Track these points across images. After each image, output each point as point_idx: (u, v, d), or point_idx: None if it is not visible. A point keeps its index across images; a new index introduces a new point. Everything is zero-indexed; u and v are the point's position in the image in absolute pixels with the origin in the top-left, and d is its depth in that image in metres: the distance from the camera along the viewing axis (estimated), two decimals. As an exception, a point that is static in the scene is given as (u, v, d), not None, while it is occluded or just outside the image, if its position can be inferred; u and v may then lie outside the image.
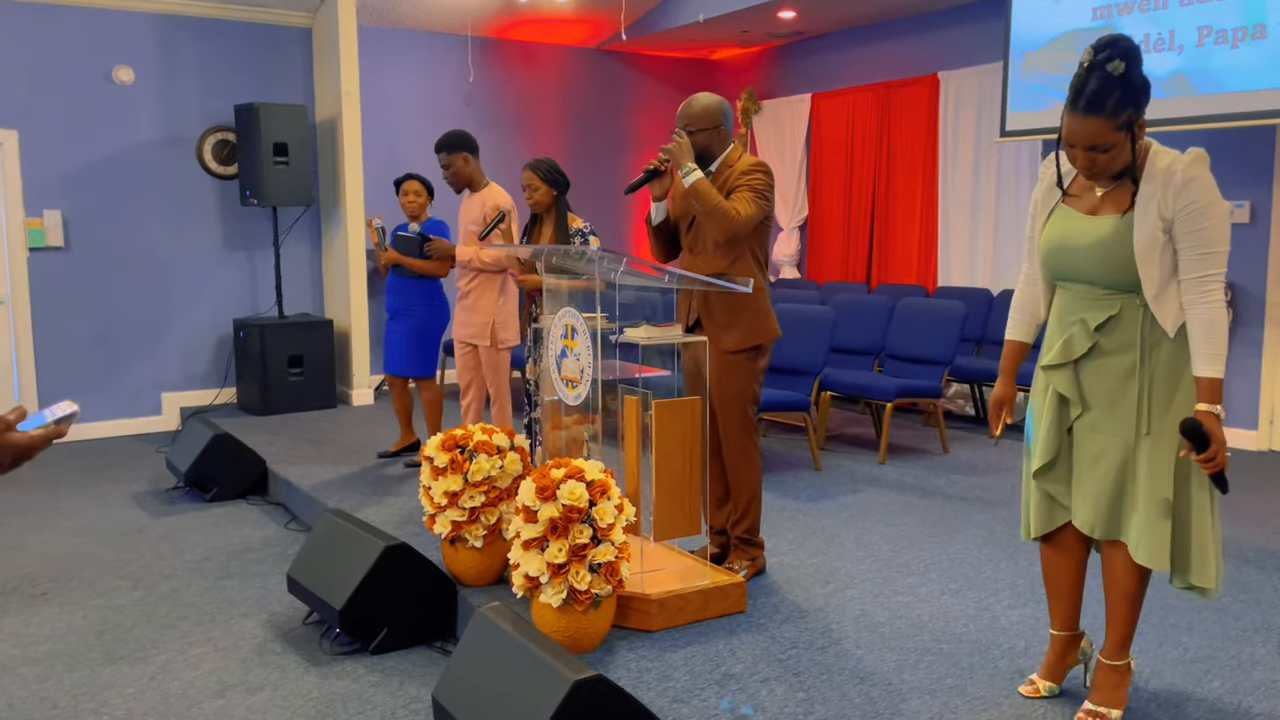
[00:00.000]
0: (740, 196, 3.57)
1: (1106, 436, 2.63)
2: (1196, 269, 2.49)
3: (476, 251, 5.00)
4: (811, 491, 5.15)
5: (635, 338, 3.50)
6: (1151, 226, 2.50)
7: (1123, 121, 2.46)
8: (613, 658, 3.18)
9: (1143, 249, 2.51)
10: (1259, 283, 6.06)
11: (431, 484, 3.72)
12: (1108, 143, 2.48)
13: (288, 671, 3.38)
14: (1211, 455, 2.46)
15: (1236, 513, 4.75)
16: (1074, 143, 2.51)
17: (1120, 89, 2.43)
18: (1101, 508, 2.64)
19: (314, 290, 7.95)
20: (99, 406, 7.09)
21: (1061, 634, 2.90)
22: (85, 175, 6.97)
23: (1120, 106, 2.44)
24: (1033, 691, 2.92)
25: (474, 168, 5.15)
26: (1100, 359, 2.63)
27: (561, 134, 9.23)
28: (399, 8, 7.90)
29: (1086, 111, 2.45)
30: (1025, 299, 2.84)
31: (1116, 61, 2.42)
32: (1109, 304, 2.60)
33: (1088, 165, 2.54)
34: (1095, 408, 2.65)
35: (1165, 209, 2.49)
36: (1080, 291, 2.65)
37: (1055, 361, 2.68)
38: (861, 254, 8.64)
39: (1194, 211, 2.47)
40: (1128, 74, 2.43)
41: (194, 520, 5.12)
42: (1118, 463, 2.61)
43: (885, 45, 8.32)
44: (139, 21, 7.08)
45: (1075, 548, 2.81)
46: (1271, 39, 5.23)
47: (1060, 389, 2.68)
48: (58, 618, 3.88)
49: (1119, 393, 2.60)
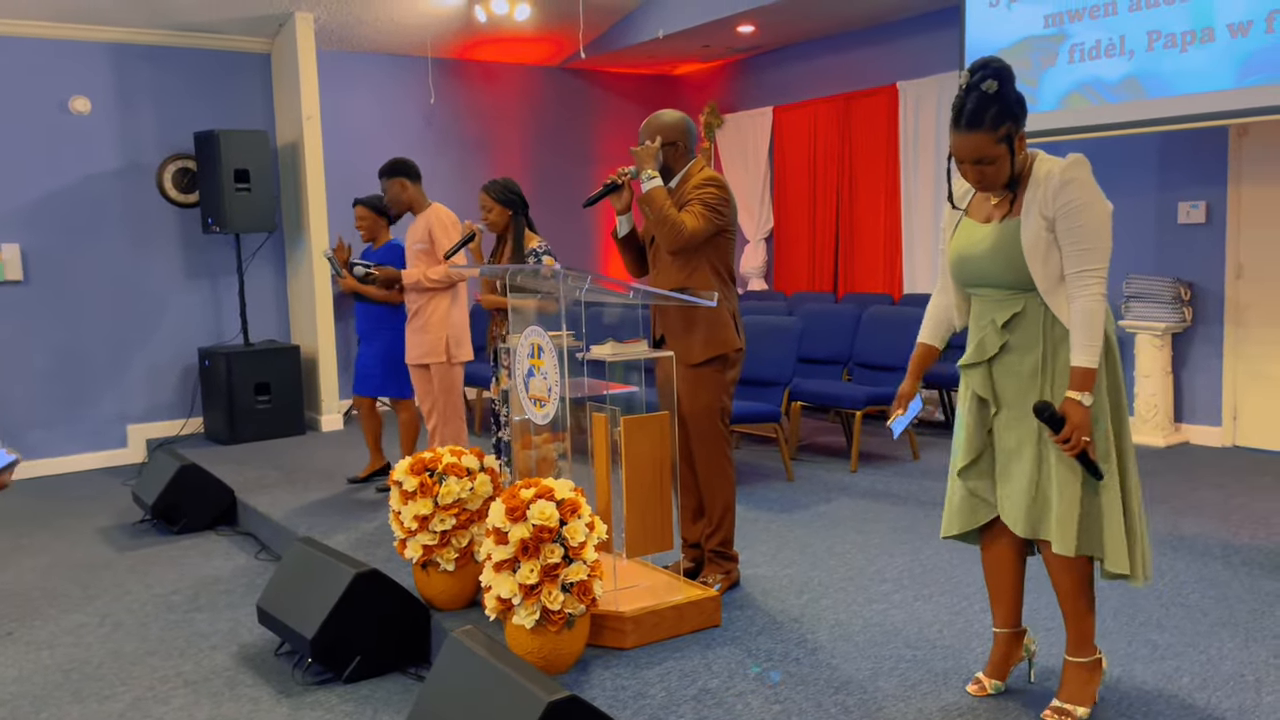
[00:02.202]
0: (690, 210, 3.60)
1: (1020, 432, 2.74)
2: (1075, 264, 2.62)
3: (423, 271, 5.04)
4: (784, 502, 5.16)
5: (601, 355, 3.50)
6: (1035, 226, 2.64)
7: (1002, 135, 2.62)
8: (588, 677, 3.17)
9: (1029, 248, 2.65)
10: (1217, 281, 6.16)
11: (401, 508, 3.70)
12: (990, 155, 2.63)
13: (260, 704, 3.34)
14: (1066, 437, 2.57)
15: (1201, 509, 4.81)
16: (962, 158, 2.67)
17: (996, 105, 2.60)
18: (1023, 504, 2.72)
19: (279, 316, 7.89)
20: (63, 441, 7.00)
21: (1004, 631, 2.96)
22: (44, 207, 6.90)
23: (998, 120, 2.60)
24: (979, 690, 2.97)
25: (412, 192, 5.19)
26: (1009, 356, 2.75)
27: (525, 152, 9.24)
28: (358, 31, 7.88)
29: (968, 128, 2.62)
30: (937, 308, 2.98)
31: (990, 81, 2.60)
32: (1013, 303, 2.73)
33: (978, 178, 2.69)
34: (1009, 405, 2.76)
35: (1046, 209, 2.63)
36: (988, 295, 2.79)
37: (970, 361, 2.82)
38: (828, 264, 8.70)
39: (1072, 210, 2.60)
40: (1001, 91, 2.60)
41: (162, 553, 5.05)
42: (1032, 458, 2.71)
43: (844, 56, 8.40)
44: (94, 51, 7.02)
45: (1008, 547, 2.89)
46: (1219, 42, 5.33)
47: (977, 389, 2.81)
48: (24, 657, 3.81)
49: (1028, 389, 2.72)
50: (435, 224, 5.10)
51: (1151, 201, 6.39)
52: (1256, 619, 3.47)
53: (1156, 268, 6.38)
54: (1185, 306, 6.19)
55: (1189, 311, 6.21)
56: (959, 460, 2.86)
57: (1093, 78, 5.92)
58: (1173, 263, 6.31)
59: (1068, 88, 6.07)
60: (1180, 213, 6.26)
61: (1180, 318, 6.17)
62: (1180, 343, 6.33)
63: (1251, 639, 3.31)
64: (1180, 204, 6.25)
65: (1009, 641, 2.97)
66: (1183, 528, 4.52)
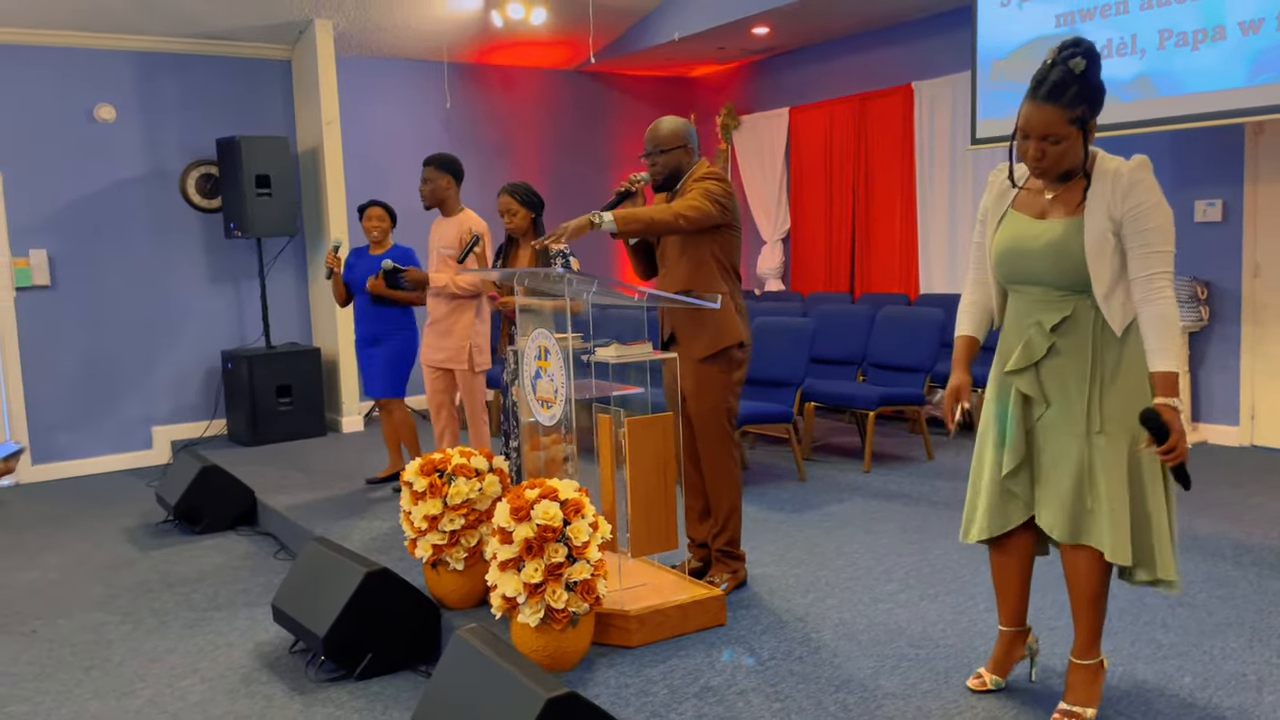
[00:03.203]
0: (686, 198, 3.63)
1: (1065, 437, 2.69)
2: (1144, 268, 2.57)
3: (452, 277, 5.05)
4: (795, 502, 5.19)
5: (605, 357, 3.55)
6: (1101, 227, 2.58)
7: (1076, 116, 2.55)
8: (592, 675, 3.22)
9: (1093, 248, 2.58)
10: (1234, 280, 6.12)
11: (411, 509, 3.76)
12: (1060, 134, 2.55)
13: (273, 700, 3.41)
14: (1171, 446, 2.52)
15: (1215, 509, 4.79)
16: (1029, 131, 2.59)
17: (1078, 85, 2.53)
18: (1064, 510, 2.68)
19: (301, 320, 8.00)
20: (90, 443, 7.13)
21: (1009, 629, 2.97)
22: (70, 213, 7.03)
23: (1076, 101, 2.53)
24: (980, 684, 2.99)
25: (453, 193, 5.23)
26: (1056, 359, 2.69)
27: (543, 156, 9.31)
28: (376, 37, 7.98)
29: (1046, 100, 2.54)
30: (976, 300, 2.93)
31: (1078, 59, 2.53)
32: (1063, 305, 2.66)
33: (1038, 156, 2.60)
34: (1054, 407, 2.71)
35: (1114, 209, 2.57)
36: (1035, 294, 2.71)
37: (1017, 366, 2.74)
38: (844, 264, 8.70)
39: (1141, 212, 2.56)
40: (1087, 72, 2.54)
41: (183, 553, 5.15)
42: (1076, 462, 2.66)
43: (859, 57, 8.41)
44: (119, 60, 7.16)
45: (1024, 549, 2.88)
46: (1230, 40, 5.31)
47: (1023, 389, 2.74)
48: (46, 654, 3.91)
49: (1075, 392, 2.67)
50: (468, 232, 5.12)
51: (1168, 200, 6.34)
52: (1263, 619, 3.47)
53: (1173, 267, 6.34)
54: (1202, 305, 6.16)
55: (1206, 311, 6.18)
56: (1007, 463, 2.76)
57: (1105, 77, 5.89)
58: (1189, 262, 6.27)
59: (1081, 87, 6.04)
60: (1197, 211, 6.22)
61: (1197, 317, 6.14)
62: (1198, 342, 6.30)
63: (1257, 639, 3.30)
64: (1197, 203, 6.22)
65: (1013, 639, 2.98)
66: (1196, 527, 4.50)
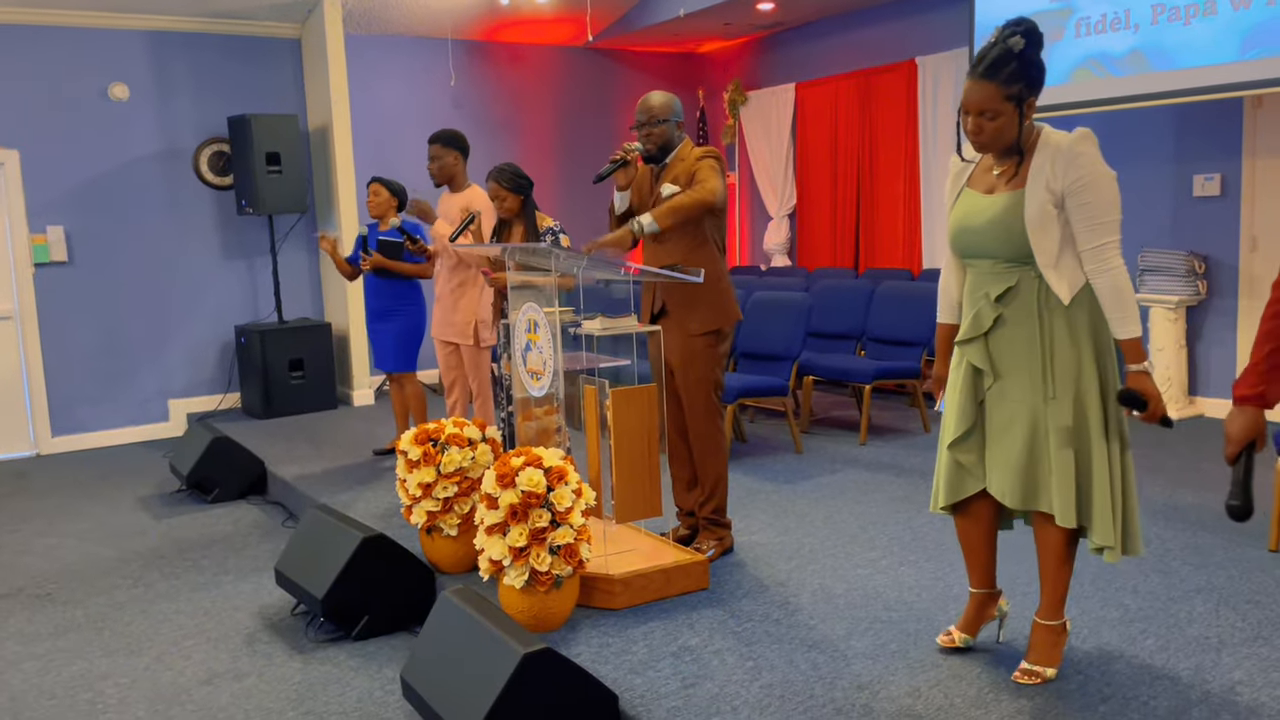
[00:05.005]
0: (701, 173, 3.73)
1: (1015, 404, 2.78)
2: (1092, 239, 2.64)
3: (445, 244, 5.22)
4: (790, 473, 5.30)
5: (591, 329, 3.66)
6: (1041, 199, 2.65)
7: (1013, 93, 2.62)
8: (575, 634, 3.35)
9: (1033, 220, 2.66)
10: (1231, 254, 6.15)
11: (406, 476, 3.90)
12: (996, 109, 2.64)
13: (273, 659, 3.57)
14: (1152, 412, 2.61)
15: (1203, 480, 4.86)
16: (968, 108, 2.68)
17: (1015, 62, 2.61)
18: (1014, 476, 2.78)
19: (312, 295, 8.15)
20: (108, 415, 7.33)
21: (979, 591, 3.08)
22: (86, 191, 7.19)
23: (1013, 78, 2.61)
24: (949, 641, 3.10)
25: (460, 168, 5.36)
26: (1004, 330, 2.78)
27: (550, 133, 9.38)
28: (384, 15, 8.07)
29: (983, 76, 2.63)
30: (946, 283, 3.01)
31: (1017, 38, 2.61)
32: (1008, 276, 2.75)
33: (976, 130, 2.69)
34: (1004, 377, 2.80)
35: (1054, 183, 2.64)
36: (984, 267, 2.81)
37: (966, 336, 2.84)
38: (849, 239, 8.76)
39: (1084, 184, 2.62)
40: (1025, 51, 2.61)
41: (195, 521, 5.33)
42: (1027, 429, 2.75)
43: (864, 32, 8.42)
44: (131, 39, 7.29)
45: (986, 515, 2.96)
46: (1222, 15, 5.32)
47: (973, 360, 2.83)
48: (60, 615, 4.08)
49: (1024, 361, 2.76)
50: (475, 206, 5.24)
51: (1166, 174, 6.39)
52: (1233, 584, 3.55)
53: (1171, 241, 6.38)
54: (1199, 279, 6.19)
55: (1203, 284, 6.21)
56: (950, 432, 2.89)
57: (1099, 51, 5.93)
58: (1187, 236, 6.31)
59: (1075, 62, 6.08)
60: (1195, 185, 6.25)
61: (1194, 291, 6.18)
62: (1194, 315, 6.34)
63: (1224, 604, 3.39)
64: (1195, 177, 6.24)
65: (983, 601, 3.08)
66: (1179, 497, 4.58)
